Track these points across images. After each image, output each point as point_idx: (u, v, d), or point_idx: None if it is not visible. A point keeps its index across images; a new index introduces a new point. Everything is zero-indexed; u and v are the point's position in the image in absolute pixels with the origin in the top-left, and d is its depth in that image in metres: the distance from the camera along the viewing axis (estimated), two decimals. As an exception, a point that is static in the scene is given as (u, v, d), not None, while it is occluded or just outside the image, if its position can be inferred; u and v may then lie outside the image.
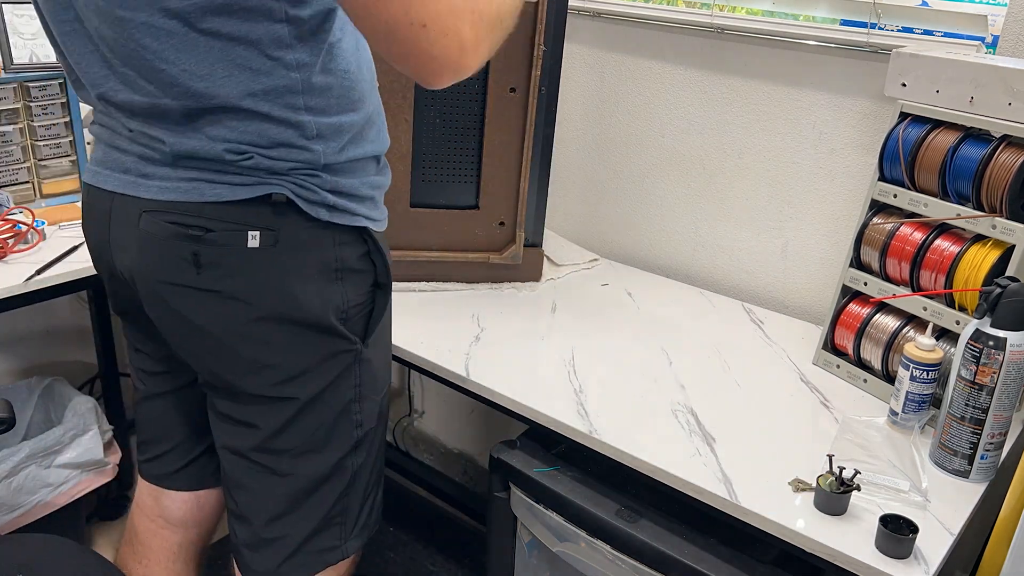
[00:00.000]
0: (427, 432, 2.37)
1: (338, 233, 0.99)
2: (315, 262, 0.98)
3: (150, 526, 1.32)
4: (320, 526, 1.10)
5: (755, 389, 1.29)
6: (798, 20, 1.53)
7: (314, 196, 0.95)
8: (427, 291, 1.55)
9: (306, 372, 1.02)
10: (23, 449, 1.62)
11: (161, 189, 0.94)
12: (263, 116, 0.90)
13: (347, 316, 1.02)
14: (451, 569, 2.03)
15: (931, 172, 1.20)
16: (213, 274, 0.95)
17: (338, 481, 1.09)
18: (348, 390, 1.06)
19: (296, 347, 1.00)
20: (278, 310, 0.97)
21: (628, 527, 1.11)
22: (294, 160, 0.93)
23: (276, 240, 0.95)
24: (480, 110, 1.46)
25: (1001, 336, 1.02)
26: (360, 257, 1.02)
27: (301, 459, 1.06)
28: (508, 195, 1.53)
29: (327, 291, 0.99)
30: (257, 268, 0.96)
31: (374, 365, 1.09)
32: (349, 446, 1.08)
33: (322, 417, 1.05)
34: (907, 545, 0.94)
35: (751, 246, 1.64)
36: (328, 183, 0.96)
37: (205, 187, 0.93)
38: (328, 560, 1.13)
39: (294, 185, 0.94)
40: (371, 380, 1.08)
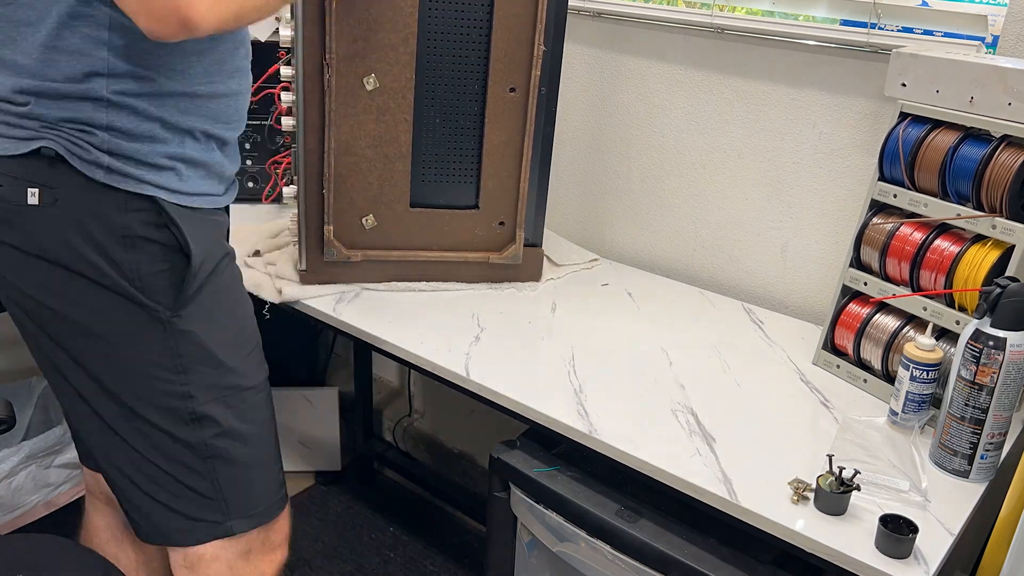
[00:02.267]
0: (427, 432, 2.37)
1: (123, 199, 0.98)
2: (97, 224, 0.97)
3: (95, 504, 1.35)
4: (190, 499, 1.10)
5: (755, 389, 1.29)
6: (798, 20, 1.53)
7: (87, 155, 0.95)
8: (427, 291, 1.55)
9: (107, 329, 1.02)
10: (23, 449, 1.63)
11: None
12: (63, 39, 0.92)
13: (143, 284, 1.01)
14: (451, 569, 2.03)
15: (931, 172, 1.20)
16: (4, 227, 0.97)
17: (186, 452, 1.08)
18: (165, 359, 1.05)
19: (91, 303, 1.01)
20: (64, 264, 0.98)
21: (628, 527, 1.11)
22: (72, 98, 0.93)
23: (55, 198, 0.95)
24: (480, 110, 1.47)
25: (1001, 336, 1.02)
26: (152, 226, 1.00)
27: (127, 424, 1.06)
28: (508, 195, 1.53)
29: (114, 254, 0.99)
30: (40, 225, 0.97)
31: (200, 338, 1.06)
32: (182, 418, 1.07)
33: (137, 381, 1.05)
34: (907, 545, 0.94)
35: (751, 246, 1.64)
36: (104, 143, 0.96)
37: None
38: (213, 532, 1.13)
39: (67, 141, 0.94)
40: (198, 352, 1.06)
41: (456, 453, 2.30)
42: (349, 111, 1.40)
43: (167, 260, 1.02)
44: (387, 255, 1.52)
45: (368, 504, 2.22)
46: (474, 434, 2.25)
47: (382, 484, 2.33)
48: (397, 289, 1.54)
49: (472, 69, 1.44)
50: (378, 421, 2.46)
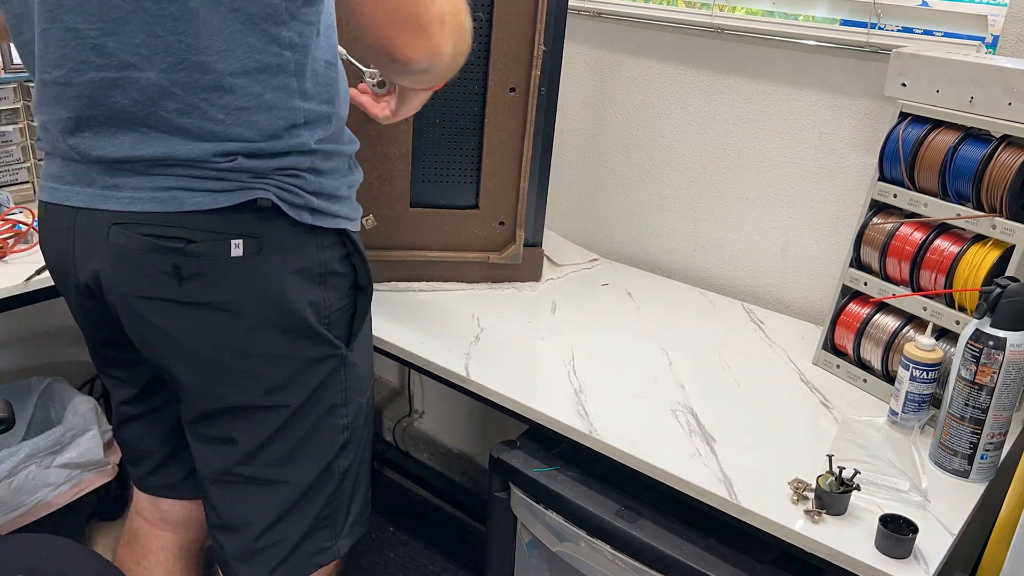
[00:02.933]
0: (427, 432, 2.37)
1: (320, 236, 0.97)
2: (299, 267, 0.95)
3: (150, 529, 1.31)
4: (310, 529, 1.09)
5: (755, 389, 1.29)
6: (798, 20, 1.53)
7: (298, 200, 0.93)
8: (427, 291, 1.55)
9: (293, 379, 1.00)
10: (23, 449, 1.62)
11: (133, 200, 0.89)
12: (255, 96, 0.87)
13: (330, 320, 1.00)
14: (451, 569, 2.03)
15: (931, 172, 1.20)
16: (195, 286, 0.91)
17: (326, 485, 1.08)
18: (334, 394, 1.04)
19: (282, 355, 0.98)
20: (264, 318, 0.95)
21: (628, 527, 1.11)
22: (279, 154, 0.90)
23: (260, 247, 0.91)
24: (480, 110, 1.46)
25: (1001, 336, 1.02)
26: (341, 259, 1.00)
27: (289, 467, 1.04)
28: (508, 195, 1.53)
29: (311, 295, 0.97)
30: (241, 277, 0.92)
31: (358, 368, 1.07)
32: (336, 449, 1.07)
33: (308, 423, 1.03)
34: (907, 545, 0.94)
35: (751, 246, 1.64)
36: (312, 184, 0.94)
37: (184, 195, 0.88)
38: (320, 561, 1.12)
39: (278, 189, 0.91)
40: (356, 383, 1.07)
41: (456, 453, 2.30)
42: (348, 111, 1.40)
43: (347, 294, 1.01)
44: (387, 255, 1.52)
45: (368, 504, 2.22)
46: (474, 434, 2.25)
47: (382, 484, 2.33)
48: (397, 289, 1.54)
49: (472, 69, 1.44)
50: (378, 421, 2.46)
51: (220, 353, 0.96)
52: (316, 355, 1.01)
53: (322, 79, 0.93)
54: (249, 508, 1.07)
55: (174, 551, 1.32)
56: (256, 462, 1.04)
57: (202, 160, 0.88)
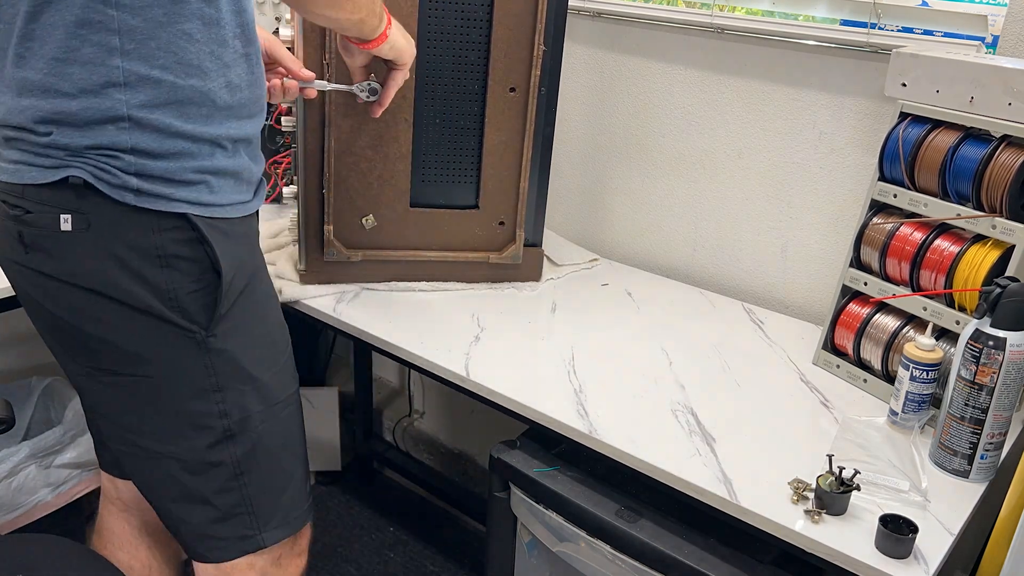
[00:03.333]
0: (427, 432, 2.37)
1: (156, 219, 0.96)
2: (131, 246, 0.96)
3: (111, 509, 1.34)
4: (223, 515, 1.11)
5: (755, 389, 1.29)
6: (798, 20, 1.53)
7: (115, 179, 0.94)
8: (427, 291, 1.55)
9: (146, 352, 1.02)
10: (23, 449, 1.62)
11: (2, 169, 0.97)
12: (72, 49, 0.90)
13: (179, 303, 1.00)
14: (451, 569, 2.03)
15: (931, 172, 1.20)
16: (38, 255, 0.97)
17: (218, 470, 1.08)
18: (200, 378, 1.04)
19: (127, 328, 1.00)
20: (101, 292, 0.97)
21: (628, 527, 1.11)
22: (93, 123, 0.92)
23: (88, 223, 0.95)
24: (480, 110, 1.47)
25: (1001, 336, 1.02)
26: (185, 243, 0.98)
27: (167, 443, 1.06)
28: (508, 195, 1.53)
29: (150, 276, 0.98)
30: (73, 251, 0.96)
31: (234, 355, 1.05)
32: (216, 436, 1.07)
33: (173, 399, 1.04)
34: (907, 545, 0.94)
35: (751, 246, 1.64)
36: (131, 166, 0.94)
37: (24, 169, 0.95)
38: (245, 548, 1.13)
39: (94, 167, 0.93)
40: (232, 370, 1.06)
41: (456, 453, 2.30)
42: (349, 111, 1.40)
43: (201, 278, 1.01)
44: (387, 255, 1.52)
45: (368, 504, 2.22)
46: (474, 434, 2.25)
47: (382, 484, 2.33)
48: (397, 289, 1.54)
49: (472, 69, 1.44)
50: (378, 421, 2.46)
51: (69, 318, 1.00)
52: (163, 334, 1.01)
53: (169, 46, 0.93)
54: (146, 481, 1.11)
55: (135, 533, 1.34)
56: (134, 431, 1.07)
57: (27, 128, 0.93)
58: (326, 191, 1.44)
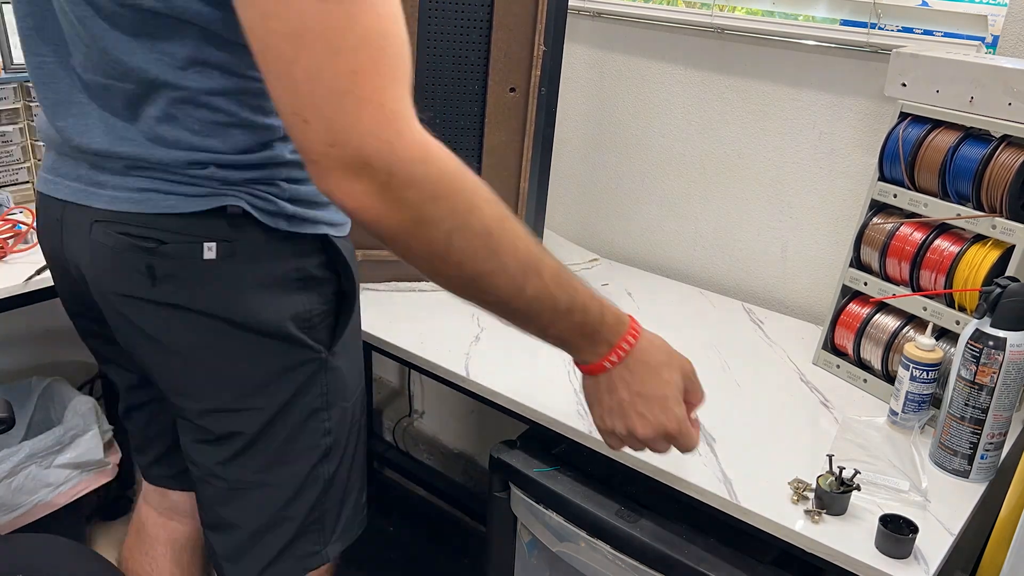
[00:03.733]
0: (427, 432, 2.37)
1: (299, 243, 0.95)
2: (274, 272, 0.94)
3: (158, 519, 1.31)
4: (298, 533, 1.09)
5: (755, 389, 1.29)
6: (798, 20, 1.53)
7: (271, 207, 0.92)
8: (427, 291, 1.55)
9: (270, 383, 0.99)
10: (23, 449, 1.62)
11: (113, 199, 0.90)
12: (231, 114, 0.87)
13: (310, 325, 0.99)
14: (451, 569, 2.03)
15: (931, 172, 1.20)
16: (168, 287, 0.92)
17: (311, 489, 1.07)
18: (315, 399, 1.03)
19: (258, 357, 0.97)
20: (237, 321, 0.94)
21: (628, 527, 1.11)
22: (253, 166, 0.90)
23: (233, 251, 0.91)
24: (480, 110, 1.46)
25: (1001, 336, 1.02)
26: (320, 265, 0.98)
27: (271, 471, 1.04)
28: (508, 195, 1.53)
29: (287, 301, 0.96)
30: (213, 279, 0.92)
31: (342, 372, 1.06)
32: (319, 454, 1.06)
33: (289, 427, 1.03)
34: (907, 545, 0.94)
35: (751, 246, 1.64)
36: (286, 192, 0.93)
37: (158, 197, 0.89)
38: (308, 565, 1.11)
39: (250, 196, 0.90)
40: (340, 387, 1.06)
41: (456, 453, 2.30)
42: None
43: (331, 298, 1.00)
44: (387, 255, 1.52)
45: (368, 504, 2.22)
46: (474, 434, 2.25)
47: (382, 484, 2.33)
48: (397, 289, 1.54)
49: (472, 69, 1.44)
50: (378, 421, 2.46)
51: (194, 352, 0.96)
52: (294, 359, 1.00)
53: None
54: (234, 510, 1.07)
55: (181, 541, 1.32)
56: (235, 465, 1.03)
57: (174, 166, 0.88)
58: None
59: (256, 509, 1.06)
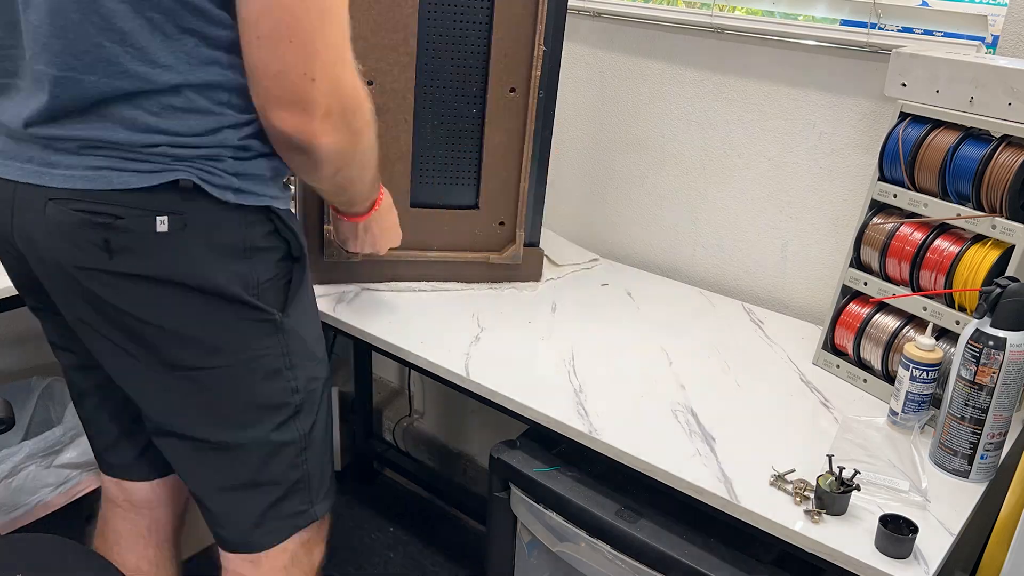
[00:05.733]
0: (427, 432, 2.37)
1: (245, 213, 1.01)
2: (224, 242, 1.00)
3: (117, 511, 1.35)
4: (285, 493, 1.13)
5: (755, 389, 1.29)
6: (798, 20, 1.53)
7: (220, 180, 0.97)
8: (427, 291, 1.55)
9: (227, 342, 1.05)
10: (23, 449, 1.62)
11: (67, 178, 0.95)
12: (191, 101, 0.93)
13: (259, 291, 1.04)
14: (451, 569, 2.03)
15: (931, 172, 1.20)
16: (125, 258, 0.97)
17: (289, 447, 1.12)
18: (276, 358, 1.08)
19: (214, 318, 1.03)
20: (191, 285, 0.99)
21: (628, 527, 1.11)
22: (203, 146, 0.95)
23: (184, 224, 0.96)
24: (480, 111, 1.46)
25: (1001, 336, 1.02)
26: (267, 235, 1.04)
27: (244, 430, 1.09)
28: (508, 195, 1.53)
29: (237, 268, 1.01)
30: (167, 250, 0.97)
31: (300, 333, 1.11)
32: (290, 411, 1.11)
33: (250, 386, 1.07)
34: (907, 545, 0.94)
35: (751, 246, 1.64)
36: (232, 167, 0.98)
37: (112, 175, 0.94)
38: (298, 524, 1.16)
39: (200, 171, 0.96)
40: (300, 347, 1.11)
41: (456, 453, 2.30)
42: None
43: (277, 265, 1.06)
44: (387, 255, 1.52)
45: (368, 504, 2.22)
46: (474, 434, 2.25)
47: (382, 484, 2.33)
48: (397, 289, 1.54)
49: (472, 70, 1.44)
50: (378, 421, 2.46)
51: (151, 317, 1.01)
52: (247, 319, 1.05)
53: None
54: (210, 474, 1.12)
55: (143, 533, 1.34)
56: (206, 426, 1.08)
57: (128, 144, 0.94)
58: None
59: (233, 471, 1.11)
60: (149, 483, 1.31)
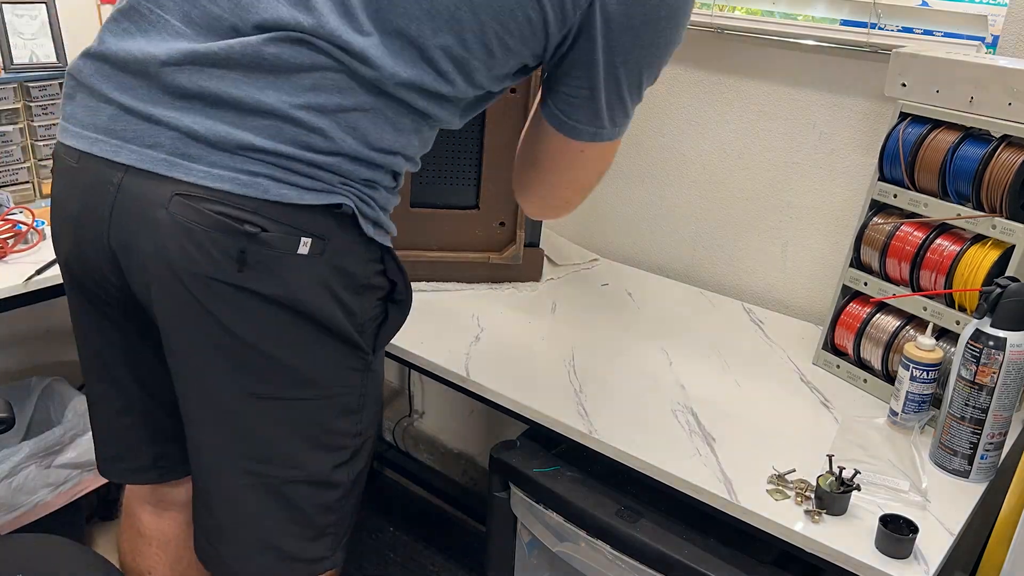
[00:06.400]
0: (427, 432, 2.37)
1: (371, 249, 0.97)
2: (347, 273, 0.96)
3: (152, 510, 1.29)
4: (314, 535, 1.07)
5: (755, 389, 1.29)
6: (798, 20, 1.53)
7: (370, 212, 0.94)
8: (427, 291, 1.55)
9: (322, 376, 1.00)
10: (23, 449, 1.62)
11: (210, 175, 0.86)
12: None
13: (362, 328, 1.01)
14: (451, 569, 2.03)
15: (931, 172, 1.20)
16: (255, 274, 0.89)
17: (331, 492, 1.07)
18: (353, 399, 1.04)
19: (317, 350, 0.98)
20: (307, 313, 0.94)
21: (628, 527, 1.11)
22: (375, 165, 0.93)
23: (323, 249, 0.91)
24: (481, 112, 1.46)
25: (1001, 336, 1.02)
26: (379, 273, 1.00)
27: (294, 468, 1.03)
28: (508, 196, 1.52)
29: (350, 302, 0.98)
30: (299, 273, 0.92)
31: (378, 377, 1.09)
32: (347, 454, 1.07)
33: (323, 422, 1.03)
34: (907, 545, 0.94)
35: (751, 246, 1.64)
36: (382, 199, 0.96)
37: (270, 184, 0.87)
38: (316, 570, 1.10)
39: (358, 199, 0.92)
40: (374, 391, 1.08)
41: (456, 453, 2.30)
42: None
43: (378, 304, 1.03)
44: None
45: (368, 504, 2.22)
46: (474, 434, 2.25)
47: (382, 484, 2.33)
48: (397, 289, 1.54)
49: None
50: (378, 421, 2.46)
51: (256, 340, 0.95)
52: (344, 356, 1.01)
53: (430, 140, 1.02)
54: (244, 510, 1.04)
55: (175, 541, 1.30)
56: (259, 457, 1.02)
57: (294, 157, 0.87)
58: None
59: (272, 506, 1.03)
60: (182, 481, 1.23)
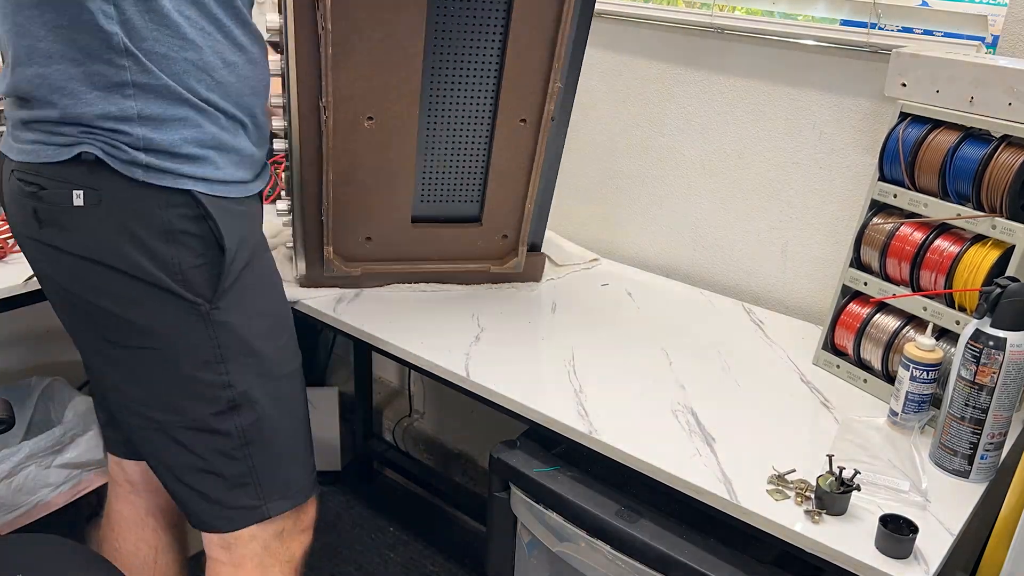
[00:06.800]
0: (427, 432, 2.37)
1: (164, 195, 1.01)
2: (141, 221, 1.01)
3: (119, 492, 1.37)
4: (230, 485, 1.14)
5: (755, 389, 1.29)
6: (798, 20, 1.53)
7: (124, 155, 0.98)
8: (427, 291, 1.55)
9: (150, 324, 1.05)
10: (23, 449, 1.62)
11: (20, 151, 1.02)
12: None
13: (184, 277, 1.04)
14: (451, 569, 2.03)
15: (931, 172, 1.20)
16: (51, 230, 1.01)
17: (225, 438, 1.12)
18: (205, 350, 1.08)
19: (135, 299, 1.04)
20: (110, 264, 1.01)
21: (628, 527, 1.11)
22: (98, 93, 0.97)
23: (99, 199, 0.99)
24: (488, 137, 1.42)
25: (1001, 336, 1.02)
26: (190, 219, 1.03)
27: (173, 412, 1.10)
28: (512, 211, 1.49)
29: (157, 250, 1.02)
30: (85, 225, 1.00)
31: (236, 327, 1.09)
32: (221, 405, 1.10)
33: (179, 371, 1.08)
34: (907, 545, 0.94)
35: (751, 246, 1.64)
36: (139, 140, 0.98)
37: (40, 148, 1.00)
38: (250, 518, 1.17)
39: (104, 143, 0.98)
40: (236, 342, 1.10)
41: (456, 453, 2.30)
42: (348, 145, 1.35)
43: (205, 253, 1.05)
44: (387, 268, 1.51)
45: (368, 504, 2.22)
46: (474, 434, 2.25)
47: (382, 484, 2.33)
48: (397, 290, 1.54)
49: (481, 102, 1.38)
50: (378, 421, 2.46)
51: (80, 291, 1.04)
52: (171, 306, 1.05)
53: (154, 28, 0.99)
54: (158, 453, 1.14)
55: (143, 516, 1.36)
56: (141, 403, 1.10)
57: (48, 119, 0.98)
58: (325, 217, 1.41)
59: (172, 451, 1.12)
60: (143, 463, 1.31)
